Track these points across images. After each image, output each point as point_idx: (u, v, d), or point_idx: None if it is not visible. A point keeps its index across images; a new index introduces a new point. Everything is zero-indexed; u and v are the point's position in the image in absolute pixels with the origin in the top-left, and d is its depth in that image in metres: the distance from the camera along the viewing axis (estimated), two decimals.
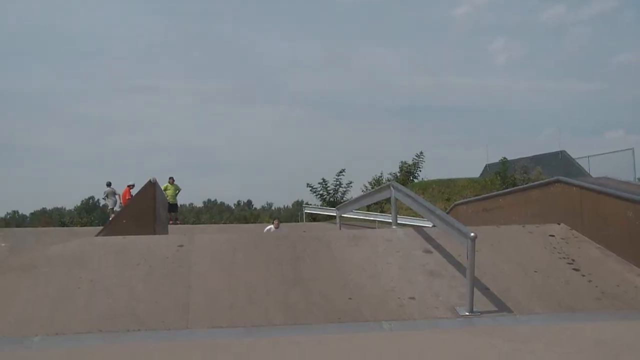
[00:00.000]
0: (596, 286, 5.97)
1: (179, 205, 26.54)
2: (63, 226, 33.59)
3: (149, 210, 8.45)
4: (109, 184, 23.23)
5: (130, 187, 23.12)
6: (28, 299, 5.39)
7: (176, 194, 24.60)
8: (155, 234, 7.99)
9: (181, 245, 6.51)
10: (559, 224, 7.58)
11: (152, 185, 8.68)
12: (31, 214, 65.59)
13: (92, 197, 71.51)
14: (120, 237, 7.02)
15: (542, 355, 4.26)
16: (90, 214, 57.87)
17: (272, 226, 13.57)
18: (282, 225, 13.94)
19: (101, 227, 9.48)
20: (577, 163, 32.37)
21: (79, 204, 68.34)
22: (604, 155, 28.97)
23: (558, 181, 8.16)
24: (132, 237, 7.12)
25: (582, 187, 7.54)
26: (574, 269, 6.34)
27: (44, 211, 62.37)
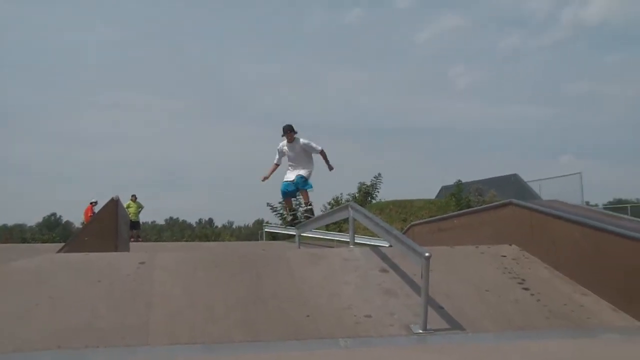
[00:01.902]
0: (545, 305, 6.09)
1: (141, 223, 26.37)
2: (24, 242, 33.07)
3: (111, 227, 8.39)
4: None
5: (93, 204, 22.94)
6: None
7: (139, 212, 24.46)
8: (117, 251, 7.93)
9: (142, 263, 6.48)
10: (510, 245, 7.72)
11: (114, 202, 8.62)
12: None
13: (54, 214, 70.40)
14: (81, 254, 6.94)
15: None
16: (52, 230, 57.02)
17: (284, 141, 10.92)
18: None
19: (63, 244, 9.37)
20: (529, 186, 32.90)
21: (40, 221, 67.26)
22: (554, 179, 29.52)
23: (510, 203, 8.30)
24: (94, 254, 7.03)
25: (532, 210, 7.69)
26: (523, 289, 6.46)
27: (4, 227, 61.26)
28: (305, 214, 11.53)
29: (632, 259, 5.92)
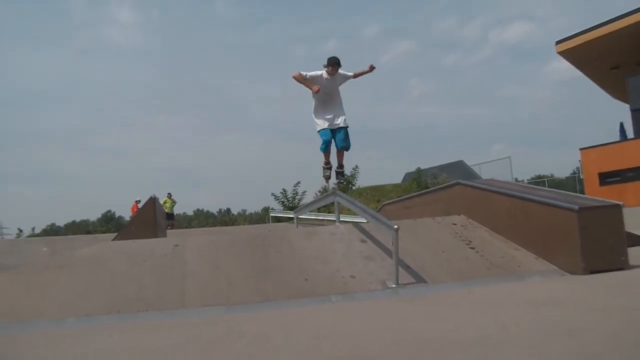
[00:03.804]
0: (486, 259, 6.20)
1: (175, 214, 26.57)
2: (88, 234, 33.18)
3: (151, 219, 8.43)
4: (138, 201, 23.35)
5: (137, 202, 23.07)
6: (63, 290, 5.38)
7: (173, 206, 24.65)
8: (156, 237, 7.97)
9: (176, 245, 6.52)
10: (459, 215, 7.80)
11: (152, 200, 8.67)
12: (65, 225, 64.15)
13: (109, 210, 70.28)
14: (130, 241, 7.04)
15: (447, 310, 4.44)
16: (108, 223, 57.15)
17: (323, 72, 7.64)
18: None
19: (116, 234, 9.46)
20: (472, 169, 33.04)
21: (100, 216, 67.25)
22: (490, 162, 29.67)
23: (458, 183, 8.39)
24: (139, 240, 7.13)
25: (474, 187, 7.79)
26: (470, 248, 6.56)
27: (74, 223, 61.06)
28: (339, 178, 8.59)
29: (548, 219, 6.05)
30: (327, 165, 8.39)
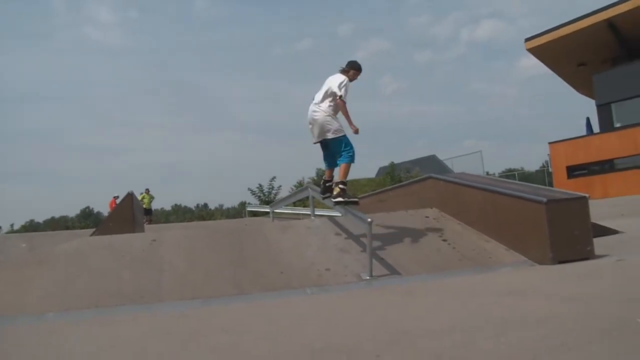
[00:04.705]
0: (458, 251, 6.30)
1: (153, 210, 26.64)
2: (67, 229, 32.93)
3: (129, 215, 8.39)
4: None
5: (115, 198, 23.06)
6: (43, 285, 5.33)
7: (151, 201, 24.67)
8: (134, 232, 7.92)
9: (154, 240, 6.49)
10: (432, 208, 7.88)
11: (129, 196, 8.66)
12: (44, 221, 63.18)
13: (88, 207, 69.48)
14: (108, 236, 7.01)
15: (420, 300, 4.53)
16: (87, 219, 56.79)
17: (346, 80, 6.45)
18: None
19: (94, 229, 9.42)
20: (444, 163, 33.39)
21: (79, 212, 66.54)
22: (462, 156, 30.03)
23: (430, 177, 8.48)
24: (117, 235, 7.11)
25: (446, 181, 7.90)
26: (442, 240, 6.65)
27: (53, 219, 60.16)
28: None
29: (518, 212, 6.18)
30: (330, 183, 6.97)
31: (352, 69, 6.64)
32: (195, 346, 3.37)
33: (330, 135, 6.47)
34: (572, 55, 27.43)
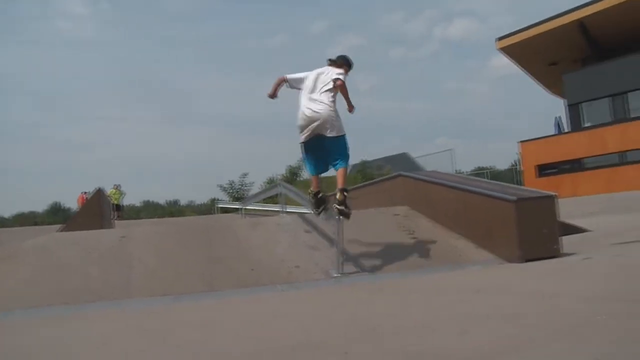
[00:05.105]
0: (428, 249, 6.37)
1: (123, 205, 26.61)
2: (36, 225, 32.50)
3: (97, 210, 8.35)
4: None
5: (84, 193, 22.93)
6: (9, 281, 5.25)
7: (121, 197, 24.65)
8: (103, 228, 7.86)
9: (123, 236, 6.42)
10: (402, 206, 7.94)
11: (98, 192, 8.62)
12: (12, 216, 61.68)
13: (57, 202, 68.05)
14: (77, 232, 6.94)
15: (389, 298, 4.57)
16: (56, 214, 56.03)
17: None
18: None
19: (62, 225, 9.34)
20: (416, 161, 33.69)
21: (47, 208, 65.29)
22: (433, 154, 30.36)
23: (400, 175, 8.58)
24: (86, 231, 7.03)
25: (416, 179, 7.97)
26: (412, 238, 6.72)
27: (21, 214, 58.83)
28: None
29: (488, 210, 6.27)
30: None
31: (345, 65, 6.10)
32: (164, 342, 3.36)
33: (333, 133, 5.80)
34: (543, 54, 27.96)
